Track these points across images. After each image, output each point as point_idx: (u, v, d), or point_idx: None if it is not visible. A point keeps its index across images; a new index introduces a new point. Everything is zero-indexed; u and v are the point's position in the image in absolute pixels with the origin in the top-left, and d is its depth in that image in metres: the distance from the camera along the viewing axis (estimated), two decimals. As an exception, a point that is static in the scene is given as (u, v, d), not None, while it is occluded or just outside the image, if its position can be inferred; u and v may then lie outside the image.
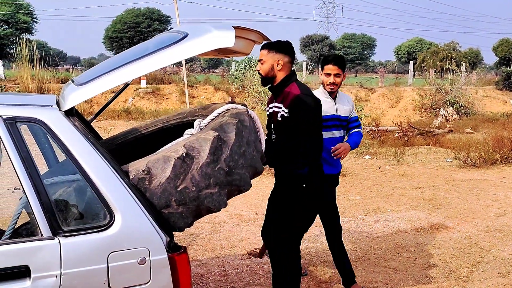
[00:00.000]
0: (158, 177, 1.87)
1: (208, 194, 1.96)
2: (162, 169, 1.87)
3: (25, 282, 1.64)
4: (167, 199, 1.88)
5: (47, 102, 1.91)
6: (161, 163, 1.88)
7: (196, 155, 1.92)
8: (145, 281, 1.79)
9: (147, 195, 1.85)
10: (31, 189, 1.69)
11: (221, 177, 1.97)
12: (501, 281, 3.80)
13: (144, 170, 1.86)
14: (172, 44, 1.84)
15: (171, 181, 1.88)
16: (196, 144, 1.94)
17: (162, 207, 1.88)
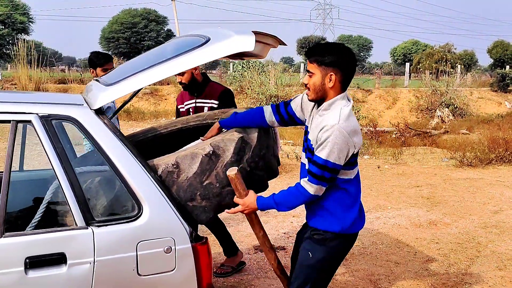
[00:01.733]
0: (185, 171, 2.02)
1: (230, 191, 2.12)
2: (189, 164, 2.03)
3: (61, 268, 1.77)
4: (193, 193, 2.03)
5: (77, 101, 2.04)
6: (189, 159, 2.03)
7: (221, 153, 2.08)
8: (171, 268, 1.92)
9: (174, 188, 1.99)
10: (66, 182, 1.81)
11: (243, 176, 2.12)
12: (498, 273, 3.95)
13: (174, 164, 2.01)
14: (196, 47, 1.97)
15: (197, 176, 2.03)
16: (221, 143, 2.10)
17: (187, 200, 2.03)
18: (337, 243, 2.21)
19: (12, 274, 1.72)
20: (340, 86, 2.12)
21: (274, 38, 2.33)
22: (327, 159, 2.01)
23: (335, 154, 2.01)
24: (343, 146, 2.02)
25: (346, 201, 2.18)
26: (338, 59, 2.08)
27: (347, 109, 2.09)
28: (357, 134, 2.09)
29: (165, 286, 1.93)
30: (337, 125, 2.01)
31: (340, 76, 2.09)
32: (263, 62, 20.26)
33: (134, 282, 1.87)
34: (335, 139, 2.00)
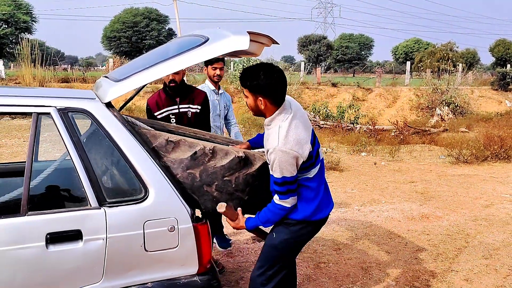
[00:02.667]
0: (216, 161, 2.32)
1: (239, 196, 2.43)
2: (222, 157, 2.34)
3: (78, 243, 2.00)
4: (212, 180, 2.33)
5: (90, 96, 2.27)
6: (223, 154, 2.35)
7: (249, 164, 2.42)
8: (174, 245, 2.15)
9: (200, 168, 2.29)
10: (82, 167, 2.04)
11: (254, 192, 2.47)
12: (484, 262, 4.16)
13: (210, 150, 2.31)
14: (196, 46, 2.19)
15: (223, 169, 2.34)
16: (252, 157, 2.45)
17: (205, 183, 2.32)
18: (299, 227, 2.46)
19: (34, 248, 1.94)
20: (272, 105, 2.31)
21: (268, 38, 2.54)
22: (283, 176, 2.26)
23: (287, 170, 2.25)
24: (290, 161, 2.24)
25: (308, 195, 2.42)
26: (261, 85, 2.27)
27: (284, 125, 2.28)
28: (299, 145, 2.26)
29: (169, 261, 2.15)
30: (277, 147, 2.23)
31: (268, 98, 2.29)
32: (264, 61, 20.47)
33: (142, 257, 2.09)
34: (280, 159, 2.23)
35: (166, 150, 2.31)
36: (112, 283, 2.06)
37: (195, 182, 2.31)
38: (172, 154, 2.31)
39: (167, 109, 3.43)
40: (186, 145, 2.33)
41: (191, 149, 2.31)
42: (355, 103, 17.63)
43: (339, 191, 6.66)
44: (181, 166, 2.29)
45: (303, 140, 2.29)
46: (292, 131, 2.28)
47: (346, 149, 10.33)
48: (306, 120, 2.40)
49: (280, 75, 2.31)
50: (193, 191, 2.32)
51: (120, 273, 2.07)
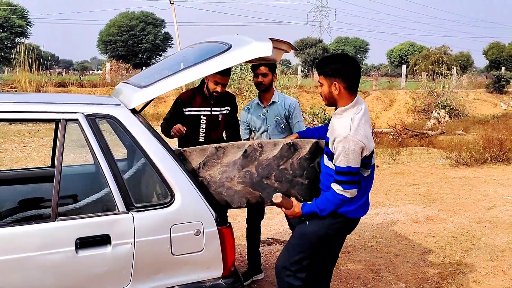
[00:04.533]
0: (267, 153, 2.40)
1: (299, 182, 2.49)
2: (271, 148, 2.41)
3: (107, 248, 2.03)
4: (269, 172, 2.40)
5: (115, 102, 2.30)
6: (272, 145, 2.45)
7: (299, 148, 2.48)
8: (200, 249, 2.18)
9: (255, 164, 2.37)
10: (109, 173, 2.07)
11: (312, 175, 2.52)
12: (491, 264, 4.22)
13: (259, 144, 2.39)
14: (220, 53, 2.23)
15: (276, 159, 2.40)
16: (300, 142, 2.51)
17: (263, 176, 2.39)
18: (333, 221, 2.45)
19: (64, 253, 1.97)
20: (346, 92, 2.38)
21: (287, 44, 2.59)
22: (349, 166, 2.30)
23: (354, 160, 2.30)
24: (358, 151, 2.30)
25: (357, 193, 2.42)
26: (337, 68, 2.34)
27: (357, 117, 2.35)
28: (367, 139, 2.34)
29: (195, 265, 2.18)
30: (349, 136, 2.29)
31: (343, 82, 2.36)
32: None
33: (168, 260, 2.12)
34: (350, 148, 2.28)
35: (218, 157, 2.39)
36: (139, 286, 2.09)
37: (254, 178, 2.39)
38: (225, 158, 2.38)
39: (200, 109, 3.40)
40: (235, 147, 2.40)
41: (240, 149, 2.39)
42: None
43: (343, 194, 6.71)
44: (236, 167, 2.37)
45: (370, 136, 2.37)
46: (363, 125, 2.35)
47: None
48: (369, 122, 2.45)
49: (355, 62, 2.40)
50: (255, 187, 2.39)
51: (148, 277, 2.10)
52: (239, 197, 2.41)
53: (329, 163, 2.40)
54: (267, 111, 3.59)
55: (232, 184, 2.39)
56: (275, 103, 3.59)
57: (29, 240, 1.94)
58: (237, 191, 2.40)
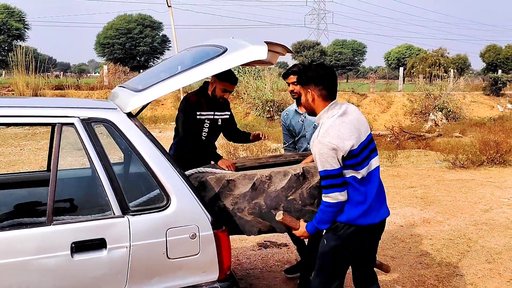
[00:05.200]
0: (275, 184, 2.45)
1: (310, 210, 2.53)
2: (280, 179, 2.46)
3: (102, 251, 2.03)
4: (277, 203, 2.46)
5: (111, 106, 2.30)
6: (281, 175, 2.51)
7: (310, 177, 2.51)
8: (196, 252, 2.18)
9: (263, 195, 2.46)
10: (105, 177, 2.07)
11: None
12: (487, 266, 4.23)
13: (267, 176, 2.49)
14: (216, 56, 2.24)
15: (284, 190, 2.45)
16: (312, 169, 2.54)
17: (272, 207, 2.49)
18: (347, 232, 2.41)
19: (60, 257, 1.97)
20: (320, 99, 2.41)
21: (283, 47, 2.61)
22: (324, 169, 2.30)
23: (327, 162, 2.29)
24: (329, 153, 2.27)
25: (356, 197, 2.39)
26: (309, 75, 2.40)
27: (329, 121, 2.36)
28: (340, 139, 2.29)
29: (191, 268, 2.18)
30: (316, 139, 2.32)
31: (315, 89, 2.40)
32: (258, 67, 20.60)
33: (164, 264, 2.13)
34: (320, 151, 2.29)
35: (229, 189, 2.48)
36: (135, 290, 2.09)
37: (263, 210, 2.48)
38: (236, 190, 2.49)
39: (206, 113, 3.45)
40: (246, 178, 2.47)
41: (250, 181, 2.46)
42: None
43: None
44: (246, 199, 2.47)
45: (345, 136, 2.31)
46: (335, 128, 2.33)
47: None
48: (358, 124, 2.40)
49: (329, 69, 2.44)
50: (264, 217, 2.49)
51: (143, 281, 2.10)
52: (250, 226, 2.54)
53: None
54: (305, 117, 3.66)
55: (243, 214, 2.52)
56: None
57: (24, 244, 1.94)
58: (248, 221, 2.52)
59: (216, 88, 3.38)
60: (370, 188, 2.44)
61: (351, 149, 2.31)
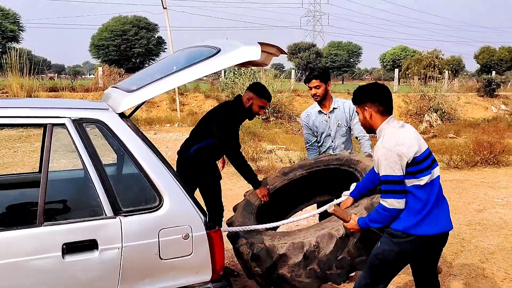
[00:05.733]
0: (324, 249, 2.61)
1: (361, 260, 2.65)
2: (327, 243, 2.62)
3: (94, 253, 2.02)
4: (330, 265, 2.63)
5: (103, 106, 2.29)
6: (327, 239, 2.63)
7: (351, 235, 2.61)
8: (189, 253, 2.18)
9: (316, 261, 2.62)
10: (97, 177, 2.06)
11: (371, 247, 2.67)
12: (481, 266, 4.25)
13: (315, 245, 2.62)
14: (209, 57, 2.24)
15: (333, 253, 2.62)
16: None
17: (326, 269, 2.64)
18: (402, 240, 2.42)
19: (51, 259, 1.96)
20: (378, 115, 2.49)
21: (276, 48, 2.61)
22: (386, 174, 2.34)
23: (390, 167, 2.33)
24: (393, 158, 2.32)
25: (415, 206, 2.39)
26: (365, 93, 2.53)
27: (390, 130, 2.44)
28: (404, 145, 2.34)
29: (184, 269, 2.18)
30: (380, 145, 2.38)
31: (373, 105, 2.49)
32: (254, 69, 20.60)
33: (157, 265, 2.12)
34: (383, 156, 2.34)
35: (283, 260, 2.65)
36: (127, 291, 2.08)
37: (318, 273, 2.65)
38: (289, 261, 2.65)
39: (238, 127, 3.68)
40: (295, 248, 2.65)
41: (300, 251, 2.63)
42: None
43: (335, 197, 6.73)
44: (301, 267, 2.65)
45: (409, 143, 2.36)
46: (400, 136, 2.40)
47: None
48: (417, 137, 2.45)
49: (382, 86, 2.56)
50: (320, 278, 2.69)
51: (135, 281, 2.09)
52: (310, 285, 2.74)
53: None
54: (329, 117, 3.88)
55: (301, 279, 2.73)
56: (336, 109, 3.89)
57: (15, 245, 1.93)
58: (307, 283, 2.73)
59: (253, 104, 3.55)
60: (431, 196, 2.44)
61: (415, 155, 2.35)
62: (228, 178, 7.77)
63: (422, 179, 2.38)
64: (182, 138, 12.77)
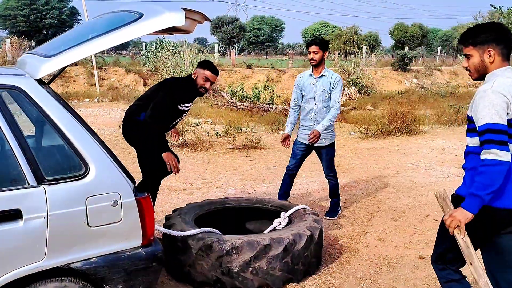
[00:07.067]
0: (297, 245, 3.23)
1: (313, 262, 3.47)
2: (299, 240, 3.25)
3: (18, 222, 1.95)
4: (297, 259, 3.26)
5: (20, 73, 2.18)
6: (298, 237, 3.25)
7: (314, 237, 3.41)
8: (118, 219, 2.18)
9: (290, 255, 3.20)
10: (17, 146, 1.98)
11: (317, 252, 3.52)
12: (393, 223, 4.65)
13: (293, 239, 3.22)
14: (131, 22, 2.19)
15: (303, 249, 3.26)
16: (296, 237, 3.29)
17: (296, 264, 3.24)
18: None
19: (-30, 230, 1.86)
20: (501, 58, 2.17)
21: (201, 14, 2.60)
22: (492, 122, 2.00)
23: (497, 116, 2.00)
24: (503, 106, 2.02)
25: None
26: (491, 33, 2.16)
27: (504, 78, 2.11)
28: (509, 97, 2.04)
29: (113, 235, 2.17)
30: (490, 89, 2.06)
31: (499, 46, 2.16)
32: (177, 43, 20.15)
33: (85, 232, 2.10)
34: (490, 100, 2.02)
35: (265, 252, 3.13)
36: (55, 260, 2.04)
37: (289, 266, 3.22)
38: (270, 253, 3.12)
39: (188, 105, 3.72)
40: (275, 242, 3.17)
41: (281, 245, 3.16)
42: (270, 84, 18.06)
43: (262, 168, 6.91)
44: (279, 259, 3.13)
45: None
46: (509, 86, 2.08)
47: (265, 129, 10.65)
48: None
49: (507, 28, 2.20)
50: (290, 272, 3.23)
51: (64, 250, 2.06)
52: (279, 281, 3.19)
53: (474, 140, 2.16)
54: (317, 82, 4.47)
55: (274, 271, 3.14)
56: (324, 76, 4.46)
57: None
58: (278, 276, 3.16)
59: (197, 77, 3.62)
60: None
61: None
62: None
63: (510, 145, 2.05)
64: (103, 113, 12.36)
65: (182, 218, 3.48)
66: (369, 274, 3.56)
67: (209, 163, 7.07)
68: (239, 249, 3.05)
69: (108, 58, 22.69)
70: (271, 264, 3.11)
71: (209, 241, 3.07)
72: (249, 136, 8.58)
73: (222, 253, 3.03)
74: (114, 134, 9.15)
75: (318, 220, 3.64)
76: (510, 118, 2.04)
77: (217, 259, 3.04)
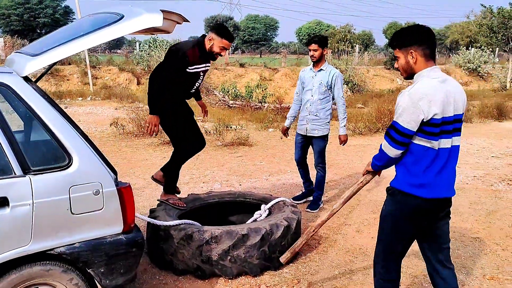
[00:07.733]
0: (275, 234, 3.45)
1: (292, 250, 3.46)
2: (276, 230, 3.47)
3: (5, 209, 2.11)
4: (274, 248, 3.45)
5: (6, 70, 2.34)
6: (275, 227, 3.48)
7: (292, 227, 3.66)
8: (99, 207, 2.34)
9: (267, 244, 3.40)
10: (4, 138, 2.14)
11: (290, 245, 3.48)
12: (372, 216, 4.83)
13: (270, 229, 3.43)
14: (112, 23, 2.36)
15: (279, 239, 3.46)
16: (274, 227, 3.51)
17: (273, 252, 3.42)
18: (402, 199, 2.39)
19: (-40, 216, 2.02)
20: (423, 58, 2.31)
21: (179, 16, 2.77)
22: (395, 120, 2.26)
23: (403, 117, 2.23)
24: (411, 110, 2.20)
25: (416, 166, 2.32)
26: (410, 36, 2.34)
27: (426, 81, 2.27)
28: (428, 102, 2.19)
29: (95, 222, 2.34)
30: (407, 92, 2.25)
31: (419, 48, 2.31)
32: (171, 41, 20.25)
33: (69, 219, 2.26)
34: (404, 104, 2.22)
35: (243, 241, 3.33)
36: (40, 245, 2.20)
37: (266, 254, 3.43)
38: (248, 242, 3.33)
39: (199, 66, 3.69)
40: (253, 232, 3.41)
41: (258, 234, 3.38)
42: (263, 83, 18.24)
43: (249, 163, 7.08)
44: (256, 247, 3.35)
45: (434, 102, 2.22)
46: (430, 90, 2.24)
47: (255, 126, 10.81)
48: (452, 99, 2.27)
49: (428, 29, 2.34)
50: (267, 260, 3.43)
51: (48, 236, 2.22)
52: (256, 268, 3.39)
53: None
54: (316, 75, 4.88)
55: (252, 260, 3.34)
56: (322, 70, 4.86)
57: None
58: (255, 264, 3.36)
59: (213, 45, 3.63)
60: (437, 162, 2.32)
61: (433, 116, 2.22)
62: (144, 149, 7.82)
63: (432, 142, 2.28)
64: (95, 112, 12.49)
65: (166, 211, 3.65)
66: (344, 262, 3.75)
67: (197, 159, 7.23)
68: (218, 238, 3.22)
69: (102, 57, 22.79)
70: (249, 253, 3.28)
71: (190, 231, 3.24)
72: (239, 134, 8.75)
73: (202, 242, 3.20)
74: (106, 132, 9.29)
75: (296, 211, 3.82)
76: (431, 117, 2.22)
77: (198, 248, 3.21)
